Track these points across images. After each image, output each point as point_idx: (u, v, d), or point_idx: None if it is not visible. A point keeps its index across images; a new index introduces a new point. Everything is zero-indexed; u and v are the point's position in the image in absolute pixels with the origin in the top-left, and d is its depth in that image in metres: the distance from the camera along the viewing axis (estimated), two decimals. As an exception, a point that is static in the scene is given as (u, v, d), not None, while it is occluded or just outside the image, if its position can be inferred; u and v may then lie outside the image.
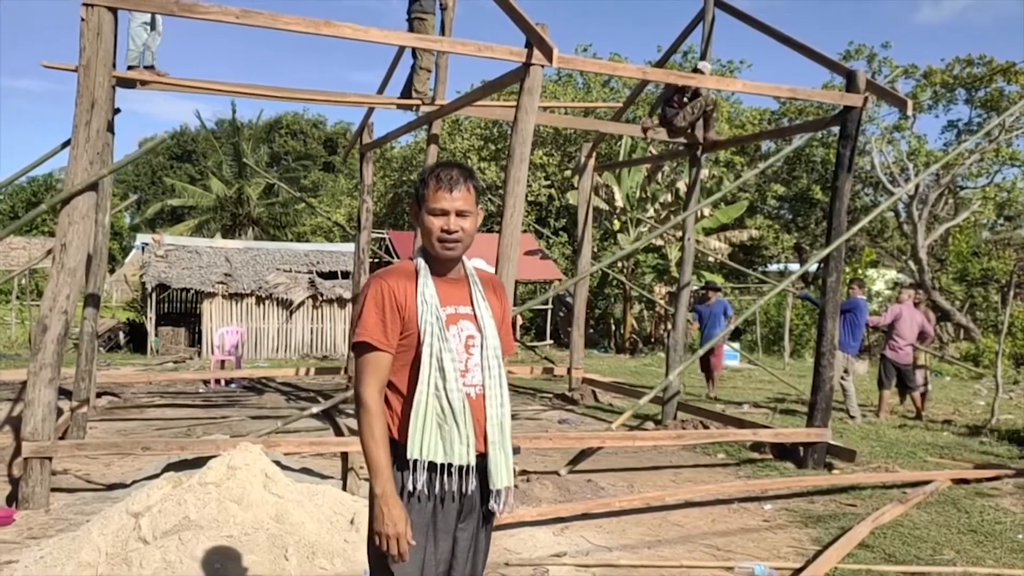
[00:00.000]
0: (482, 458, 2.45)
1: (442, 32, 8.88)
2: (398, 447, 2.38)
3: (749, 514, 6.22)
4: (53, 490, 5.91)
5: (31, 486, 5.68)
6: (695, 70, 8.88)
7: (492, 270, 6.84)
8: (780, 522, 6.01)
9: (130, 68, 7.81)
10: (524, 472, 7.17)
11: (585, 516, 5.88)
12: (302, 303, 18.01)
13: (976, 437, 9.52)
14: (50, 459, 5.77)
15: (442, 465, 2.37)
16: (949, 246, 23.16)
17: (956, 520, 6.04)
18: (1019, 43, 53.29)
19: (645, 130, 9.32)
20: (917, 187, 21.36)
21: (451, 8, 8.82)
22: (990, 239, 25.87)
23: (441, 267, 2.49)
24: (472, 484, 2.43)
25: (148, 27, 7.75)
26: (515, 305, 16.38)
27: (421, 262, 2.49)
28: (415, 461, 2.35)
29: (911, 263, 22.56)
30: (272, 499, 4.71)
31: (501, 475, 2.46)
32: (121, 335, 18.49)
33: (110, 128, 7.04)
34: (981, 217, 23.41)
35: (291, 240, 29.16)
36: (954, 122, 24.45)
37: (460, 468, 2.39)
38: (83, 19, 5.70)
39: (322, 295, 18.05)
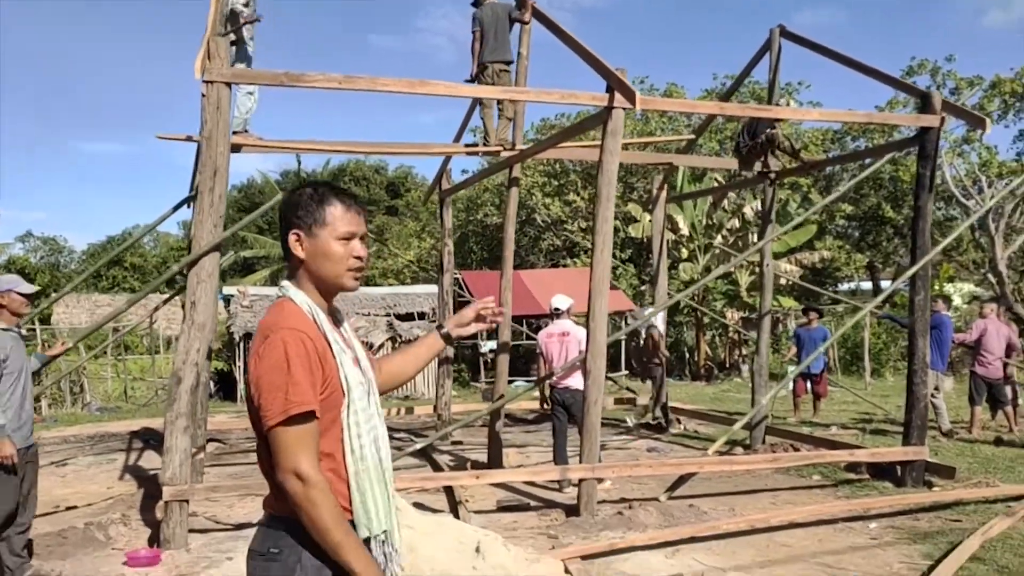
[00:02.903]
0: None
1: (517, 79, 9.29)
2: None
3: (855, 533, 6.31)
4: (190, 531, 6.33)
5: (172, 527, 6.10)
6: (769, 102, 9.11)
7: (585, 306, 7.13)
8: (887, 540, 6.09)
9: (234, 134, 8.36)
10: (624, 500, 7.38)
11: (693, 539, 6.05)
12: (382, 345, 18.53)
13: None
14: (187, 501, 6.20)
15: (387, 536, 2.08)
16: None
17: (1067, 532, 6.04)
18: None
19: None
20: (991, 198, 21.00)
21: (526, 56, 9.23)
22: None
23: (329, 304, 2.15)
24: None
25: (250, 96, 8.31)
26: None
27: (310, 302, 2.07)
28: (375, 538, 2.05)
29: (990, 276, 22.10)
30: (405, 532, 5.02)
31: (399, 533, 2.20)
32: (212, 384, 19.25)
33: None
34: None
35: (362, 284, 29.96)
36: (1025, 131, 24.02)
37: (391, 530, 2.11)
38: (203, 95, 6.23)
39: (401, 336, 18.55)
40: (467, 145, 9.64)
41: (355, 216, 2.09)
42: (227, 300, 20.98)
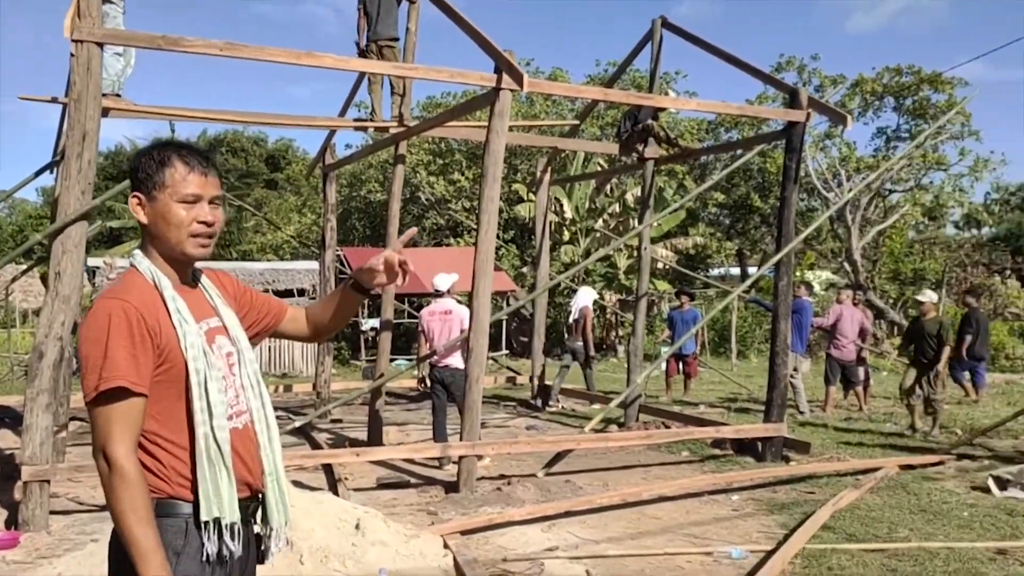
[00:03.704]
0: (257, 495, 2.09)
1: (405, 56, 9.21)
2: (175, 507, 1.92)
3: (719, 505, 6.67)
4: (51, 512, 6.04)
5: (31, 509, 5.81)
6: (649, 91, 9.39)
7: (468, 285, 7.20)
8: (748, 511, 6.47)
9: (105, 96, 7.92)
10: (503, 476, 7.53)
11: (568, 514, 6.25)
12: (258, 321, 18.04)
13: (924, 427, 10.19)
14: (48, 482, 5.91)
15: (232, 523, 1.96)
16: (880, 247, 24.27)
17: (907, 502, 6.58)
18: (950, 46, 55.81)
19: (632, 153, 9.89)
20: (849, 191, 22.38)
21: (414, 33, 9.15)
22: (916, 239, 27.16)
23: (181, 273, 2.03)
24: (249, 533, 2.07)
25: (120, 57, 7.90)
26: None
27: (155, 270, 1.98)
28: (216, 522, 1.92)
29: (846, 264, 23.57)
30: (283, 508, 4.97)
31: (280, 510, 2.13)
32: (75, 361, 18.24)
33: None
34: (909, 219, 24.59)
35: (236, 259, 29.00)
36: (883, 129, 25.65)
37: (240, 519, 1.99)
38: (73, 55, 5.89)
39: (279, 312, 18.10)
40: (356, 120, 9.51)
41: (199, 177, 1.96)
42: (93, 272, 19.91)
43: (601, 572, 4.98)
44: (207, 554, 1.91)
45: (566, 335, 13.54)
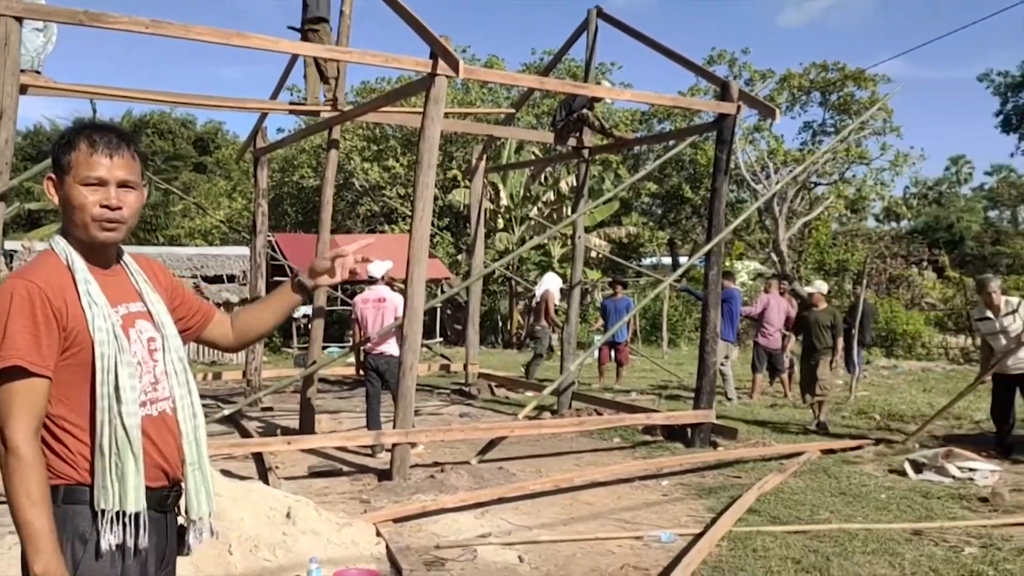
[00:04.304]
0: (177, 485, 2.03)
1: (338, 40, 9.07)
2: (83, 493, 1.86)
3: (649, 490, 6.79)
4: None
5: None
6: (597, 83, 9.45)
7: (403, 272, 7.16)
8: (677, 495, 6.61)
9: (23, 73, 7.60)
10: (436, 463, 7.53)
11: (501, 500, 6.28)
12: (186, 307, 17.63)
13: (838, 413, 10.54)
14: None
15: (137, 513, 1.88)
16: (806, 238, 24.97)
17: (828, 485, 6.81)
18: (874, 43, 57.57)
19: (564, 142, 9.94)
20: (777, 183, 22.95)
21: (348, 15, 9.01)
22: (839, 231, 28.03)
23: (97, 256, 1.97)
24: (168, 524, 2.02)
25: (40, 33, 7.58)
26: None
27: (71, 251, 1.93)
28: (118, 513, 1.86)
29: (773, 255, 24.18)
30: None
31: (201, 501, 2.06)
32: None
33: None
34: (833, 211, 25.36)
35: (163, 244, 28.24)
36: (810, 123, 26.37)
37: (154, 509, 1.94)
38: (-12, 28, 5.63)
39: (208, 299, 17.68)
40: (291, 103, 9.32)
41: (103, 159, 1.89)
42: (10, 256, 19.13)
43: (533, 557, 5.03)
44: (110, 544, 1.85)
45: (531, 319, 13.69)
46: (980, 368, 8.53)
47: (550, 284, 12.63)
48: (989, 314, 7.76)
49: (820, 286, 10.24)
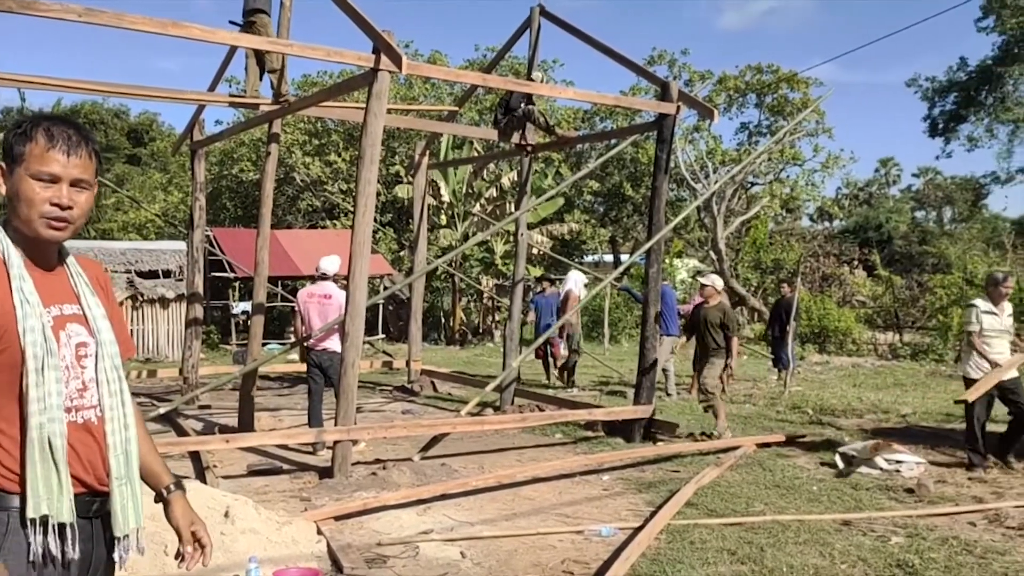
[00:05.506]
0: (104, 498, 1.91)
1: (279, 32, 8.94)
2: (0, 500, 1.79)
3: (590, 485, 6.87)
4: None
5: None
6: (528, 78, 9.49)
7: (345, 268, 7.10)
8: (617, 490, 6.70)
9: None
10: (379, 460, 7.49)
11: (444, 497, 6.29)
12: (120, 304, 17.17)
13: (773, 408, 10.80)
14: None
15: (61, 524, 1.80)
16: (744, 237, 25.50)
17: (763, 478, 6.98)
18: (808, 48, 58.95)
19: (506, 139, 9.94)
20: (715, 183, 23.38)
21: (288, 7, 8.89)
22: (775, 230, 28.70)
23: (38, 253, 1.89)
24: (95, 531, 1.92)
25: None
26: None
27: (8, 245, 1.85)
28: (43, 519, 1.77)
29: (712, 253, 24.63)
30: (145, 498, 4.77)
31: (128, 517, 1.93)
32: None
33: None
34: (769, 211, 25.95)
35: (95, 238, 27.45)
36: (746, 124, 26.92)
37: (70, 524, 1.82)
38: (-91, 12, 5.41)
39: (143, 295, 17.30)
40: (232, 95, 9.15)
41: (60, 156, 1.82)
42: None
43: (476, 553, 5.05)
44: (32, 553, 1.76)
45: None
46: (965, 361, 7.69)
47: (573, 283, 12.63)
48: (997, 310, 7.47)
49: (714, 280, 9.34)
